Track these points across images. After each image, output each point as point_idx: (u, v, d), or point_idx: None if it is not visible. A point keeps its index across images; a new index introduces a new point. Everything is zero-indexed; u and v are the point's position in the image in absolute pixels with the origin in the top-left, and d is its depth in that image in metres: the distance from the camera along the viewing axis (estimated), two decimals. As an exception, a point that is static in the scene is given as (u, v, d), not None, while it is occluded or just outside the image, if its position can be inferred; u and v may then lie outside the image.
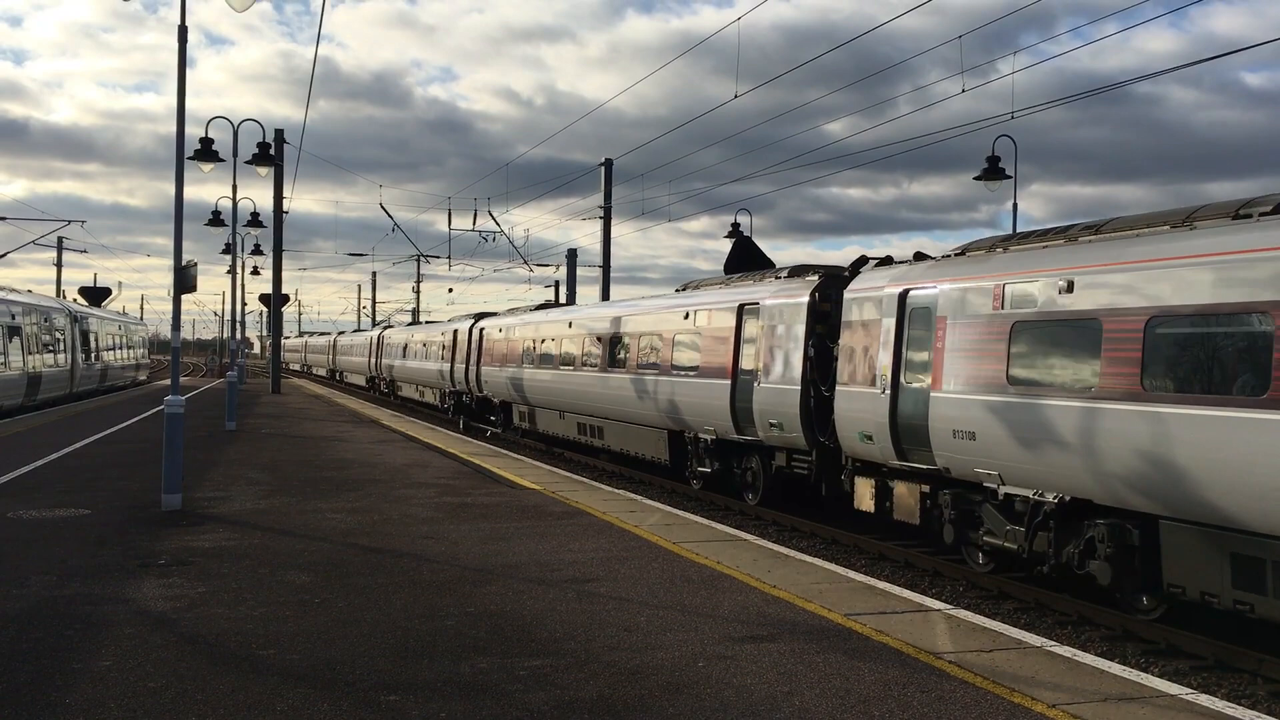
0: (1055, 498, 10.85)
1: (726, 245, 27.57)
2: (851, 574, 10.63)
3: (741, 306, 17.67)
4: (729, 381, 17.58)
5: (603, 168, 39.81)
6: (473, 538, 11.90)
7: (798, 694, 6.61)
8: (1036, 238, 12.21)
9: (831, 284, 15.87)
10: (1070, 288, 10.79)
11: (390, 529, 12.40)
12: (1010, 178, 24.89)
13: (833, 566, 11.05)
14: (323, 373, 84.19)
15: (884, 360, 13.62)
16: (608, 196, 39.60)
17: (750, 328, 17.23)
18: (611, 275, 40.00)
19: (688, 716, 6.17)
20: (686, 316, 19.53)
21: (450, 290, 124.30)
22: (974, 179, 24.74)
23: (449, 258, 49.32)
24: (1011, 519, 11.66)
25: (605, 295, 39.10)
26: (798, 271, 17.06)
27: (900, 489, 13.64)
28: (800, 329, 15.84)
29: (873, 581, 10.25)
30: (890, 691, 6.70)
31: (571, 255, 44.98)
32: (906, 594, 9.77)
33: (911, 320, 13.32)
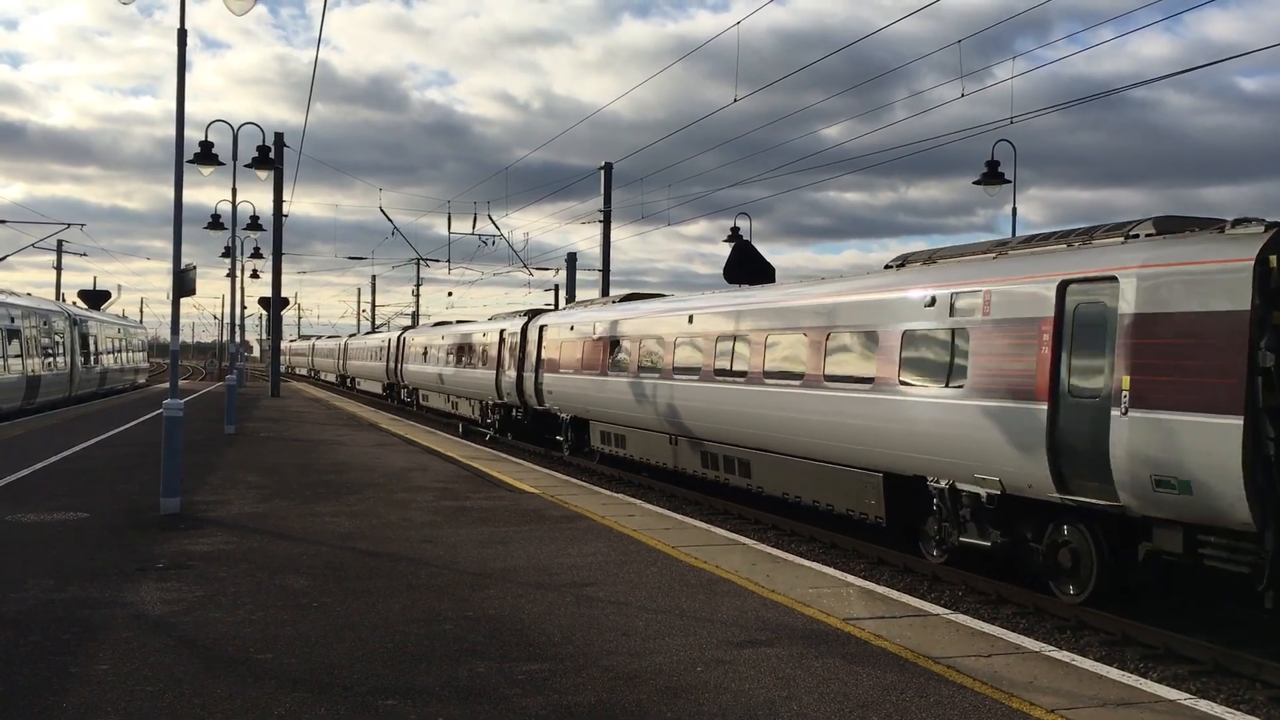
0: None
1: (724, 249, 27.52)
2: (850, 578, 10.62)
3: (1064, 286, 11.14)
4: (1042, 405, 11.08)
5: (602, 171, 39.85)
6: (471, 542, 11.89)
7: (796, 699, 6.60)
8: None
9: None
10: None
11: (388, 533, 12.39)
12: (1009, 182, 24.92)
13: (831, 571, 11.04)
14: (332, 378, 77.95)
15: None
16: (607, 200, 39.62)
17: (1088, 317, 10.74)
18: (610, 279, 40.03)
19: (686, 721, 6.16)
20: (931, 304, 13.06)
21: (450, 294, 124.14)
22: (973, 183, 24.76)
23: (449, 261, 49.36)
24: None
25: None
26: (1179, 225, 10.86)
27: None
28: (1233, 319, 9.37)
29: (871, 586, 10.24)
30: (888, 696, 6.69)
31: (571, 259, 45.02)
32: (905, 598, 9.76)
33: None
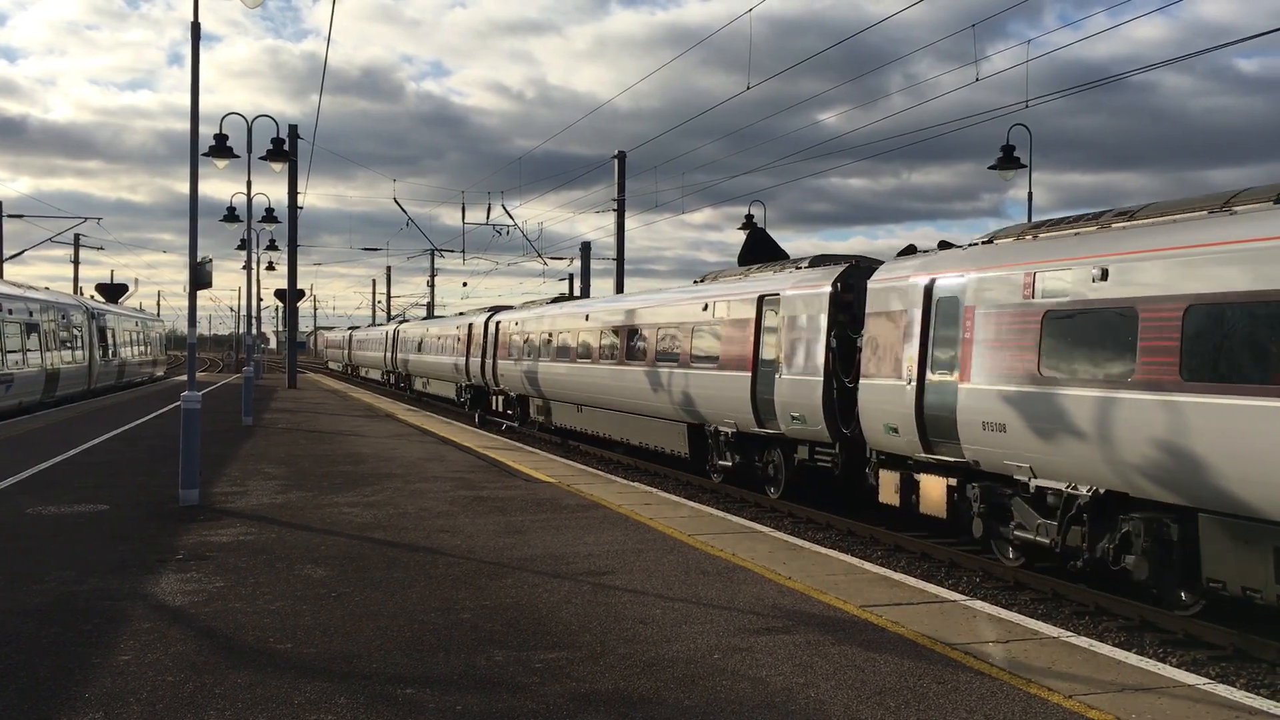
0: None
1: (731, 236, 27.58)
2: (867, 565, 10.61)
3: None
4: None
5: (615, 161, 39.78)
6: (488, 531, 11.93)
7: (813, 685, 6.61)
8: None
9: None
10: None
11: (406, 523, 12.44)
12: (1024, 166, 24.78)
13: (848, 558, 11.03)
14: (449, 392, 43.90)
15: None
16: (621, 189, 39.54)
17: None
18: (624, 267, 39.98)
19: (704, 709, 6.18)
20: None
21: (465, 284, 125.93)
22: (989, 168, 24.62)
23: (463, 251, 49.48)
24: None
25: (619, 288, 39.06)
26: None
27: None
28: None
29: (889, 573, 10.23)
30: (906, 682, 6.69)
31: (585, 248, 45.07)
32: (923, 585, 9.75)
33: None
